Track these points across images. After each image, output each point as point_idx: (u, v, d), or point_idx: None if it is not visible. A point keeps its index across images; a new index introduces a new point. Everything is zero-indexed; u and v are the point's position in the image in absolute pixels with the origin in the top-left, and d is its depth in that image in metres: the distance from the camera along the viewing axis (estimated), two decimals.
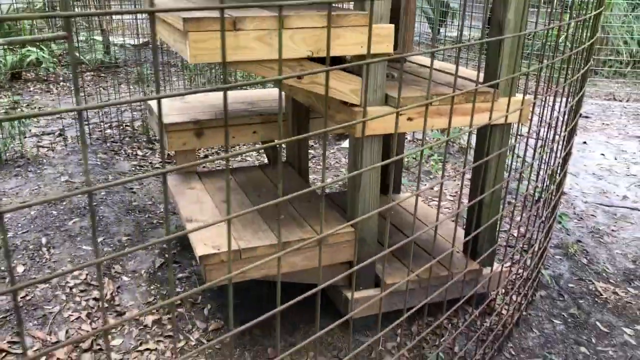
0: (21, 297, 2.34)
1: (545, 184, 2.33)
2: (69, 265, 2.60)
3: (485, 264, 2.37)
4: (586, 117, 5.58)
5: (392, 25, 1.91)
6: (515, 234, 3.06)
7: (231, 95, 3.15)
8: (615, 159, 4.42)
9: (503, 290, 2.50)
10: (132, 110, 4.96)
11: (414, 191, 3.47)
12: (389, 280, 2.19)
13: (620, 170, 4.16)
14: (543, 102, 2.62)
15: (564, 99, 2.16)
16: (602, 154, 4.51)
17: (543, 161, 2.50)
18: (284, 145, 3.03)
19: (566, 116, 2.21)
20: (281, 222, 2.21)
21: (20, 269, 2.54)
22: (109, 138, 4.35)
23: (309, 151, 4.03)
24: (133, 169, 3.77)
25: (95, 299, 2.37)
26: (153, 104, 2.89)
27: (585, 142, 4.79)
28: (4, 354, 2.04)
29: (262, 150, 3.74)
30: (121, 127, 4.58)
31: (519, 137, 4.08)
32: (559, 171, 2.32)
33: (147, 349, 2.10)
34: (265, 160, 3.74)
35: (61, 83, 6.17)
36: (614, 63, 7.10)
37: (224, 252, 1.96)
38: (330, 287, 2.30)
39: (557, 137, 2.14)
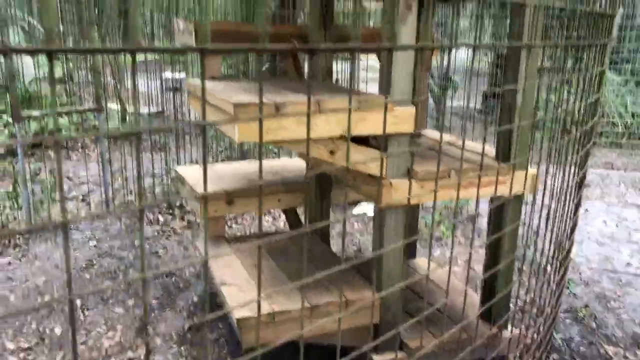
0: (60, 358, 2.46)
1: (554, 252, 2.50)
2: (104, 327, 2.72)
3: (501, 328, 2.50)
4: (586, 185, 5.81)
5: (414, 108, 2.14)
6: (528, 299, 3.20)
7: (256, 165, 3.37)
8: (617, 226, 4.60)
9: (518, 354, 2.61)
10: (153, 176, 5.18)
11: (426, 256, 3.62)
12: (412, 343, 2.32)
13: (622, 237, 4.33)
14: (551, 174, 2.82)
15: (571, 169, 2.36)
16: (604, 221, 4.69)
17: (551, 230, 2.68)
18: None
19: (572, 189, 2.40)
20: (309, 286, 2.37)
21: (57, 330, 2.67)
22: (130, 204, 4.54)
23: None
24: (155, 234, 3.94)
25: (130, 359, 2.49)
26: (185, 174, 3.10)
27: (586, 210, 4.98)
28: None
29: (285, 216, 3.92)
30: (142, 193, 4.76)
31: (527, 205, 4.26)
32: (567, 240, 2.49)
33: None
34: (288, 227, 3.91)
35: (80, 150, 6.42)
36: (610, 134, 7.40)
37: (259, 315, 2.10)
38: (356, 349, 2.42)
39: (564, 207, 2.32)
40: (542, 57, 2.11)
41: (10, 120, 6.14)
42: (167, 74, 8.97)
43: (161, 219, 4.26)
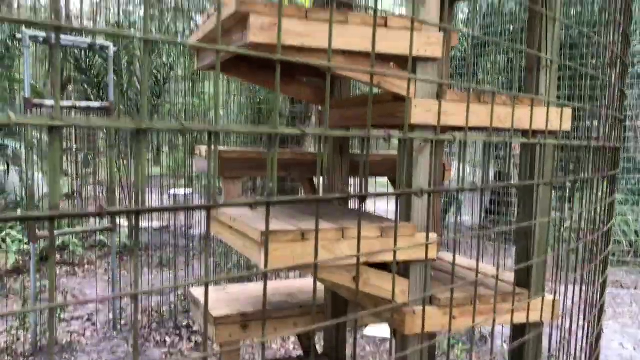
0: None
1: None
2: None
3: None
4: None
5: (436, 235, 2.19)
6: None
7: (271, 286, 3.36)
8: (635, 349, 4.49)
9: None
10: (160, 295, 5.13)
11: None
12: None
13: None
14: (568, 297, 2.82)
15: (588, 296, 2.37)
16: (621, 344, 4.59)
17: (571, 354, 2.63)
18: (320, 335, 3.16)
19: (592, 313, 2.40)
20: None
21: None
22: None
23: None
24: (164, 356, 3.84)
25: None
26: (200, 296, 3.09)
27: (602, 331, 4.89)
28: None
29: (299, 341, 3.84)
30: (148, 313, 4.71)
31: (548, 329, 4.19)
32: None
33: None
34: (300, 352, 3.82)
35: (86, 266, 6.41)
36: (615, 252, 7.43)
37: None
38: None
39: (585, 331, 2.31)
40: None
41: (20, 237, 6.18)
42: (173, 190, 9.17)
43: (168, 340, 4.17)
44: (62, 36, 4.01)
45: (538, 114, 2.03)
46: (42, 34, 3.81)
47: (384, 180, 3.37)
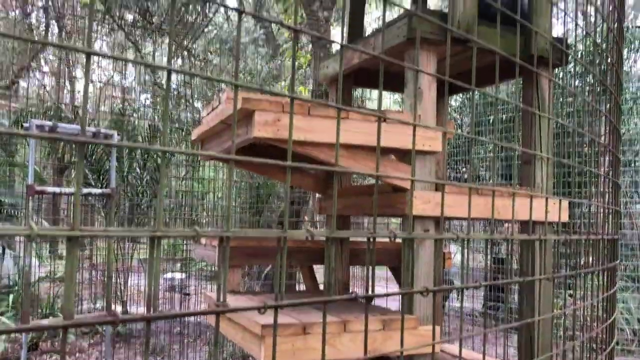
0: None
1: None
2: None
3: None
4: None
5: (437, 328, 2.16)
6: None
7: None
8: None
9: None
10: None
11: None
12: None
13: None
14: None
15: None
16: None
17: None
18: None
19: None
20: None
21: None
22: None
23: None
24: None
25: None
26: None
27: None
28: None
29: None
30: None
31: None
32: None
33: None
34: None
35: (77, 354, 6.22)
36: (619, 340, 7.28)
37: None
38: None
39: None
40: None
41: (12, 324, 6.04)
42: (169, 274, 9.06)
43: None
44: (67, 125, 4.12)
45: (536, 205, 2.07)
46: (48, 123, 3.92)
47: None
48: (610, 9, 2.49)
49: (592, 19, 2.01)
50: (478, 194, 2.03)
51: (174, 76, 8.52)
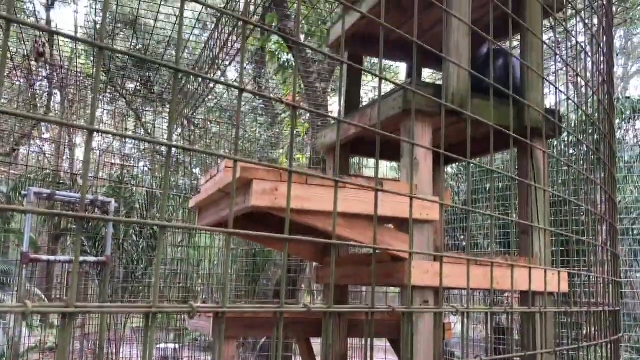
0: None
1: None
2: None
3: None
4: None
5: None
6: None
7: None
8: None
9: None
10: None
11: None
12: None
13: None
14: None
15: None
16: None
17: None
18: None
19: None
20: None
21: None
22: None
23: None
24: None
25: None
26: None
27: None
28: None
29: None
30: None
31: None
32: None
33: None
34: None
35: None
36: None
37: None
38: None
39: None
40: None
41: None
42: (162, 345, 8.84)
43: None
44: (65, 193, 4.13)
45: (535, 276, 2.05)
46: (46, 191, 3.93)
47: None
48: (600, 81, 2.56)
49: (583, 90, 2.07)
50: (477, 265, 2.02)
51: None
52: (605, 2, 2.64)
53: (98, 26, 7.00)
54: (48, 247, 9.46)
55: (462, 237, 8.58)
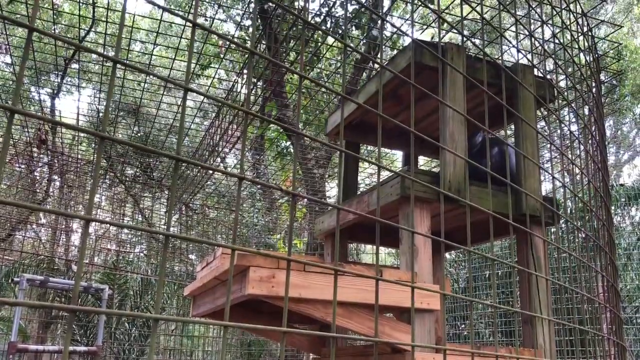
0: None
1: None
2: None
3: None
4: None
5: None
6: None
7: None
8: None
9: None
10: None
11: None
12: None
13: None
14: None
15: None
16: None
17: None
18: None
19: None
20: None
21: None
22: None
23: None
24: None
25: None
26: None
27: None
28: None
29: None
30: None
31: None
32: None
33: None
34: None
35: None
36: None
37: None
38: None
39: None
40: None
41: None
42: None
43: None
44: (59, 280, 4.07)
45: None
46: (39, 278, 3.86)
47: None
48: (595, 169, 2.60)
49: (578, 177, 2.08)
50: (481, 358, 1.95)
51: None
52: (594, 93, 2.72)
53: (101, 114, 7.17)
54: (38, 334, 9.17)
55: (463, 325, 8.37)
